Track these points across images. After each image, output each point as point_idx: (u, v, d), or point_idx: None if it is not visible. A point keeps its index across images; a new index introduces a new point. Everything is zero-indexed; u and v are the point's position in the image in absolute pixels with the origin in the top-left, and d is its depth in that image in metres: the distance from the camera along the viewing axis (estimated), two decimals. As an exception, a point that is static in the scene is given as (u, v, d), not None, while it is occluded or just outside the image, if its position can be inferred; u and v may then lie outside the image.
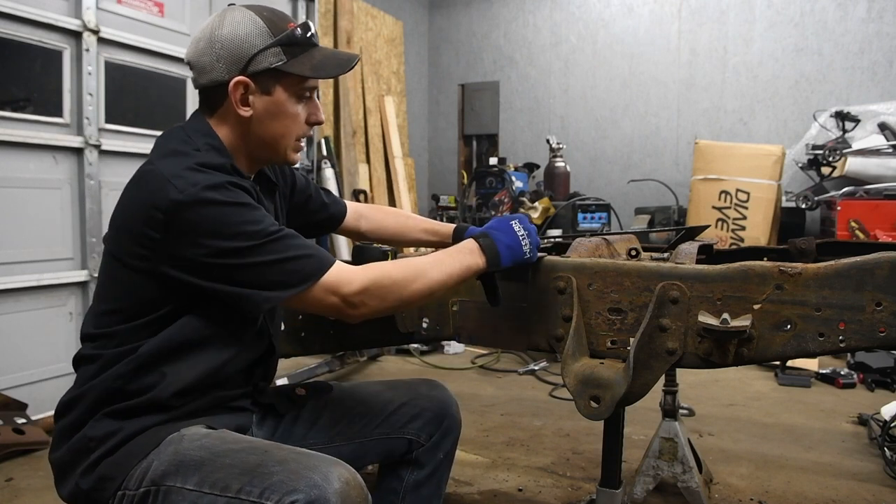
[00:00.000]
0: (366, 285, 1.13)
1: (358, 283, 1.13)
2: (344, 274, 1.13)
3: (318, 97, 1.32)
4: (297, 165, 1.42)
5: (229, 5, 1.23)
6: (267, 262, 1.10)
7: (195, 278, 1.11)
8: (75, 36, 2.78)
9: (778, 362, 3.58)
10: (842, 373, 3.47)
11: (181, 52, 3.25)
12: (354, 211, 1.68)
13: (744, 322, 1.23)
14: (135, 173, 1.19)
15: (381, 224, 1.71)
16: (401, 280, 1.16)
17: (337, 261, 1.16)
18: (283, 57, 1.18)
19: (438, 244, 1.71)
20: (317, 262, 1.13)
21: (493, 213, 4.94)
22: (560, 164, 5.24)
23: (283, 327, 1.61)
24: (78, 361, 1.21)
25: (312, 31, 1.23)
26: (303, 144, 1.32)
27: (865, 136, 4.53)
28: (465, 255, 1.24)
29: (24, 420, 2.53)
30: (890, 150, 4.33)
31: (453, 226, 1.69)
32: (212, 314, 1.17)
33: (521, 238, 1.29)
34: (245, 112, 1.20)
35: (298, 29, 1.21)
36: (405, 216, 1.75)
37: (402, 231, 1.71)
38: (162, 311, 1.15)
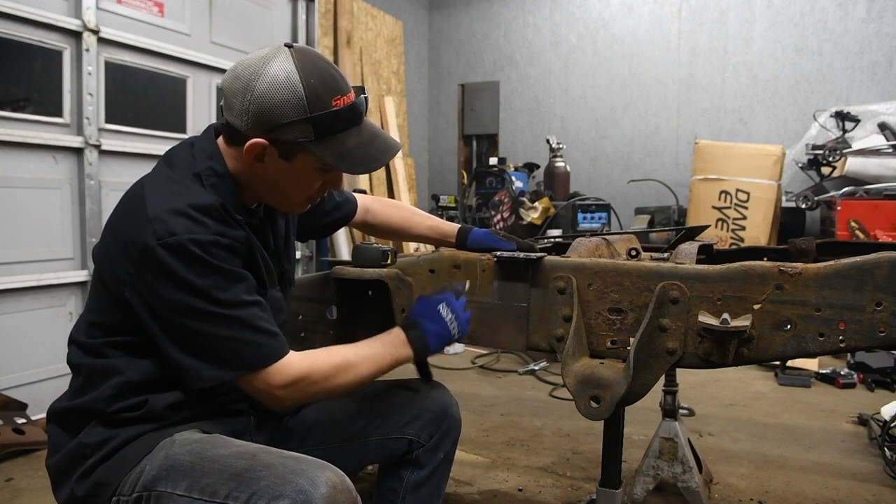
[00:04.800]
0: (296, 379, 1.13)
1: (288, 376, 1.13)
2: (281, 368, 1.12)
3: None
4: None
5: (285, 45, 1.14)
6: (218, 336, 1.08)
7: (153, 324, 1.09)
8: (75, 36, 2.78)
9: (778, 362, 3.58)
10: (842, 373, 3.47)
11: (181, 52, 3.26)
12: (362, 206, 1.67)
13: (744, 322, 1.23)
14: (129, 188, 1.17)
15: (387, 218, 1.70)
16: (331, 377, 1.18)
17: (286, 353, 1.14)
18: (312, 135, 1.10)
19: (441, 243, 1.71)
20: (266, 352, 1.11)
21: (492, 212, 4.94)
22: (560, 164, 5.24)
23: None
24: (70, 365, 1.22)
25: (359, 110, 1.16)
26: (316, 200, 1.27)
27: (865, 136, 4.53)
28: (396, 348, 1.28)
29: (24, 420, 2.53)
30: (890, 150, 4.33)
31: (457, 226, 1.68)
32: None
33: (448, 322, 1.33)
34: (256, 166, 1.15)
35: (344, 108, 1.12)
36: (410, 211, 1.74)
37: (407, 227, 1.71)
38: (135, 336, 1.14)
